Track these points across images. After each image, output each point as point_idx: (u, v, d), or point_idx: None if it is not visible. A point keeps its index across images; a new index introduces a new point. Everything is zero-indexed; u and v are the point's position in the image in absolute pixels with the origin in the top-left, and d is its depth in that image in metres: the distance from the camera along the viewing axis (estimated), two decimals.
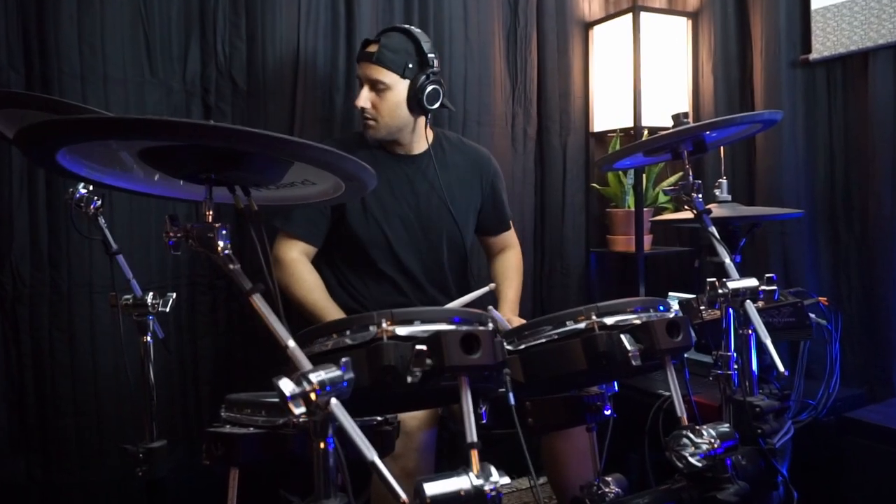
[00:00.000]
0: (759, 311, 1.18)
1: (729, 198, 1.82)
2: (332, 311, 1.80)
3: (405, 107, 1.80)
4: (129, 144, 0.86)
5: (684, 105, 2.63)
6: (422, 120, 1.87)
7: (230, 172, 0.90)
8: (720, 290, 1.18)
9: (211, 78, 1.99)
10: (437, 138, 1.96)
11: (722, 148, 2.09)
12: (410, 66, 1.77)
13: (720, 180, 1.83)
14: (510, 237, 2.14)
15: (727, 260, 1.23)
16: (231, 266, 0.87)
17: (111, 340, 1.85)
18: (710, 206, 1.68)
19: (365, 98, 1.80)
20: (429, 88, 1.78)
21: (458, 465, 0.84)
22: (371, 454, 0.73)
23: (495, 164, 2.05)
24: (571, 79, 2.64)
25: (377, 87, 1.78)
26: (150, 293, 1.35)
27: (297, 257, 1.83)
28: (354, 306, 1.87)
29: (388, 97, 1.78)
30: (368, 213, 1.84)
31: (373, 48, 1.78)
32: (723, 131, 1.45)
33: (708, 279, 1.21)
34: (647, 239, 2.54)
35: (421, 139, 1.91)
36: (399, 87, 1.78)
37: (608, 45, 2.62)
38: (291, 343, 0.81)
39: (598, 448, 1.31)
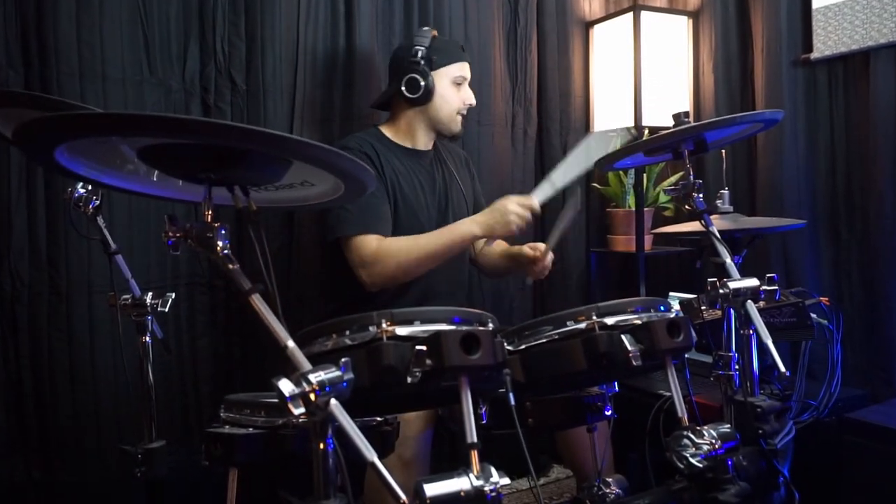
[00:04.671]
0: (761, 311, 1.17)
1: (731, 209, 1.81)
2: (441, 231, 1.74)
3: None
4: (128, 142, 0.86)
5: (685, 104, 2.62)
6: None
7: (229, 171, 0.89)
8: (721, 290, 1.17)
9: (210, 77, 1.99)
10: None
11: (724, 156, 2.09)
12: None
13: (722, 191, 1.82)
14: None
15: (728, 260, 1.23)
16: (230, 266, 0.87)
17: (110, 340, 1.84)
18: (713, 217, 1.68)
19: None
20: None
21: (457, 465, 0.84)
22: (371, 455, 0.73)
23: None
24: (572, 78, 2.64)
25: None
26: (149, 293, 1.35)
27: (378, 243, 1.72)
28: None
29: None
30: (399, 213, 1.80)
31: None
32: (723, 131, 1.45)
33: (709, 279, 1.20)
34: (648, 239, 2.54)
35: None
36: None
37: (609, 44, 2.62)
38: (291, 343, 0.81)
39: (600, 447, 1.31)
